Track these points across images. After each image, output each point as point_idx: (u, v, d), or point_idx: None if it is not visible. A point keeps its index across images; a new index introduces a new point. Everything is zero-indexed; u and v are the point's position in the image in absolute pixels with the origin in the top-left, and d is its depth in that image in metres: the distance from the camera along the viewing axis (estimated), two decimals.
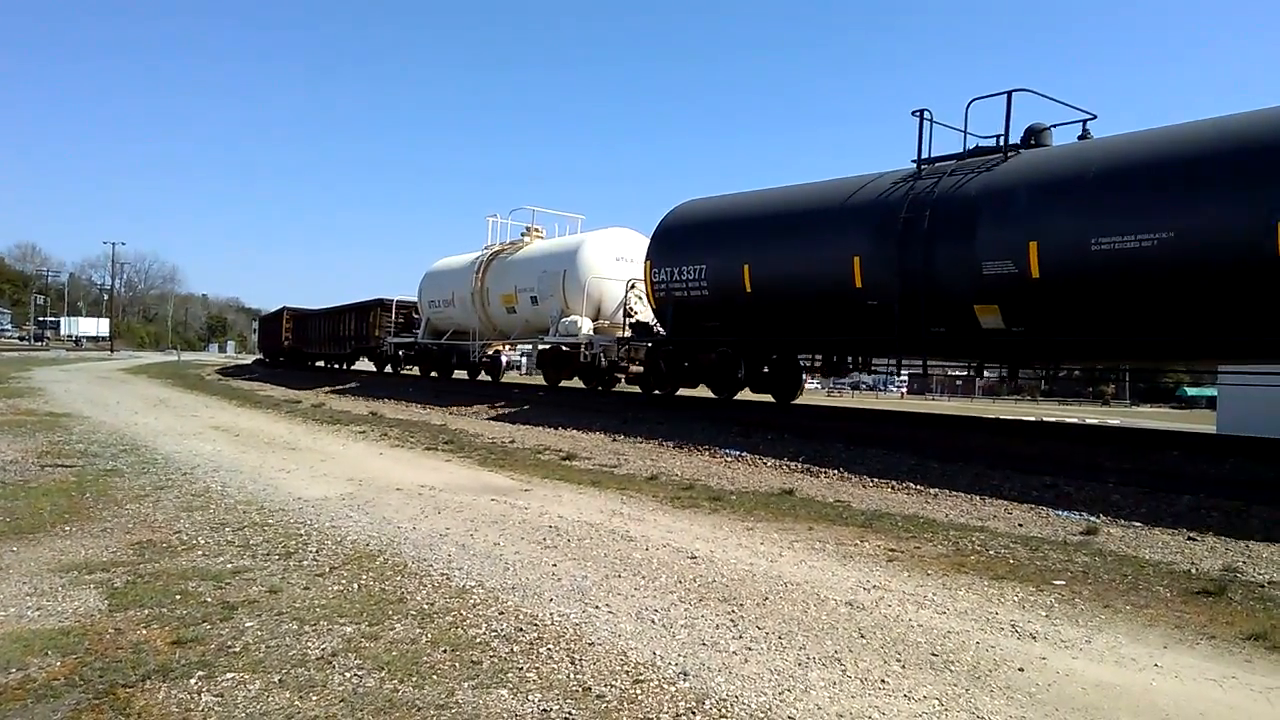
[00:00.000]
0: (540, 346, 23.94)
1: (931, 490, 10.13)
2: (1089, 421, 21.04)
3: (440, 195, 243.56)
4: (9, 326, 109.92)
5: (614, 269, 21.15)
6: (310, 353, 42.99)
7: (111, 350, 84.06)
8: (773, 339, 15.99)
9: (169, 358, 71.50)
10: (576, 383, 23.52)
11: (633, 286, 20.22)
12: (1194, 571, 6.63)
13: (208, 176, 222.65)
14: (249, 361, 62.84)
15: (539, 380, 27.57)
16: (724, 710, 3.78)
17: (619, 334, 20.62)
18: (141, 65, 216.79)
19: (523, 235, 25.57)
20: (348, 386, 29.53)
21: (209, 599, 5.11)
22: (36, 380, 29.13)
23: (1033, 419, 17.93)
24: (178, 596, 5.13)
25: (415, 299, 30.57)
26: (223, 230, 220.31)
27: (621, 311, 20.66)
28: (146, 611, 4.85)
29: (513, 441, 14.66)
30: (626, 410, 17.61)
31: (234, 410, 20.32)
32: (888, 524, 8.27)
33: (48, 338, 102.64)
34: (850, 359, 16.46)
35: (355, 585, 5.53)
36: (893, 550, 7.16)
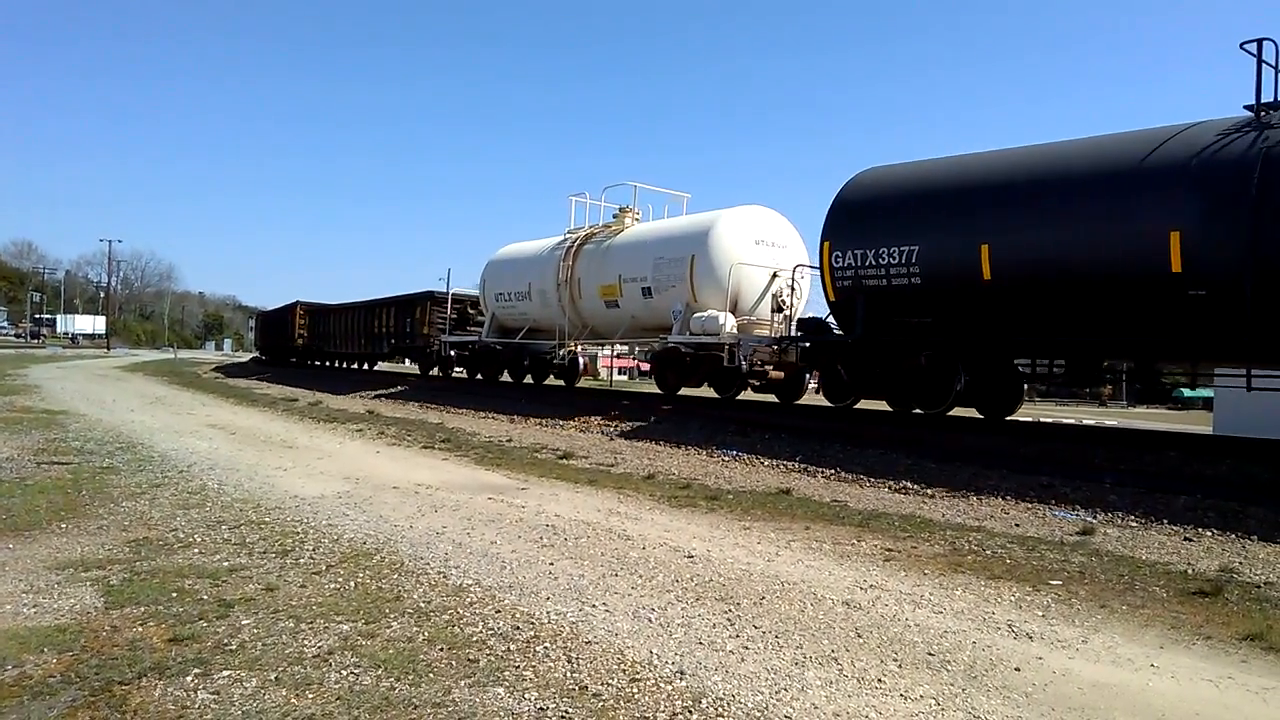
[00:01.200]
0: (654, 348, 20.57)
1: (928, 490, 10.14)
2: (1086, 422, 21.04)
3: (440, 197, 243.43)
4: (5, 324, 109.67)
5: (754, 254, 17.53)
6: (330, 351, 39.44)
7: (108, 348, 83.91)
8: (1025, 339, 12.41)
9: (165, 355, 71.41)
10: (690, 390, 19.67)
11: (775, 275, 17.42)
12: (1190, 572, 6.64)
13: (204, 174, 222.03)
14: (246, 360, 62.40)
15: (624, 385, 25.80)
16: (721, 709, 3.78)
17: (764, 332, 17.10)
18: (138, 63, 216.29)
19: (615, 217, 21.80)
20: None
21: (205, 597, 5.10)
22: (33, 378, 29.07)
23: (1029, 419, 17.89)
24: (174, 594, 5.13)
25: (472, 292, 27.31)
26: (219, 228, 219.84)
27: (767, 305, 17.54)
28: (143, 609, 4.84)
29: (510, 440, 14.66)
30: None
31: (231, 408, 20.30)
32: (884, 524, 8.27)
33: (44, 335, 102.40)
34: (1130, 364, 13.66)
35: (352, 583, 5.52)
36: (890, 550, 7.17)
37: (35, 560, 5.79)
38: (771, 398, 18.56)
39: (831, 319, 15.22)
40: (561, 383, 25.08)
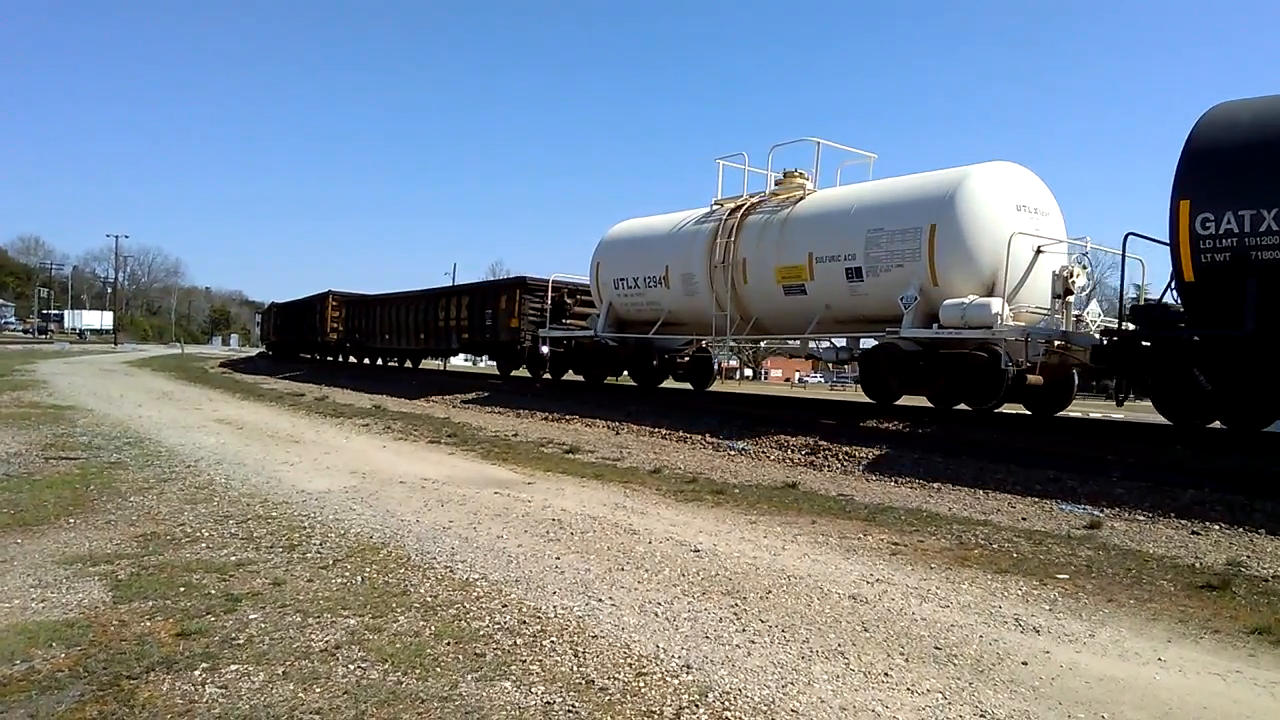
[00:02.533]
0: (852, 344, 16.59)
1: (935, 484, 10.13)
2: (1093, 416, 20.97)
3: (444, 195, 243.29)
4: (13, 320, 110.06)
5: (1017, 222, 13.34)
6: (375, 347, 34.58)
7: (115, 343, 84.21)
8: None
9: (172, 351, 71.61)
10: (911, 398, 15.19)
11: (1039, 251, 13.51)
12: (1198, 566, 6.63)
13: (211, 170, 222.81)
14: (254, 355, 62.41)
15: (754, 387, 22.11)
16: (727, 703, 3.77)
17: (1031, 323, 13.07)
18: (144, 60, 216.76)
19: (778, 184, 17.38)
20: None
21: (213, 591, 5.11)
22: (40, 373, 29.17)
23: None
24: (182, 589, 5.14)
25: (573, 278, 23.48)
26: (226, 224, 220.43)
27: (1037, 289, 13.54)
28: (151, 603, 4.85)
29: (515, 435, 14.67)
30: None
31: (237, 403, 20.34)
32: (891, 518, 8.27)
33: (51, 331, 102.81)
34: None
35: (359, 578, 5.53)
36: (896, 544, 7.16)
37: (43, 555, 5.81)
38: (743, 389, 18.38)
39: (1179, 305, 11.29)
40: (688, 386, 21.57)
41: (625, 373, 21.36)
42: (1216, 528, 7.96)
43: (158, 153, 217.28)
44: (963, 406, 14.12)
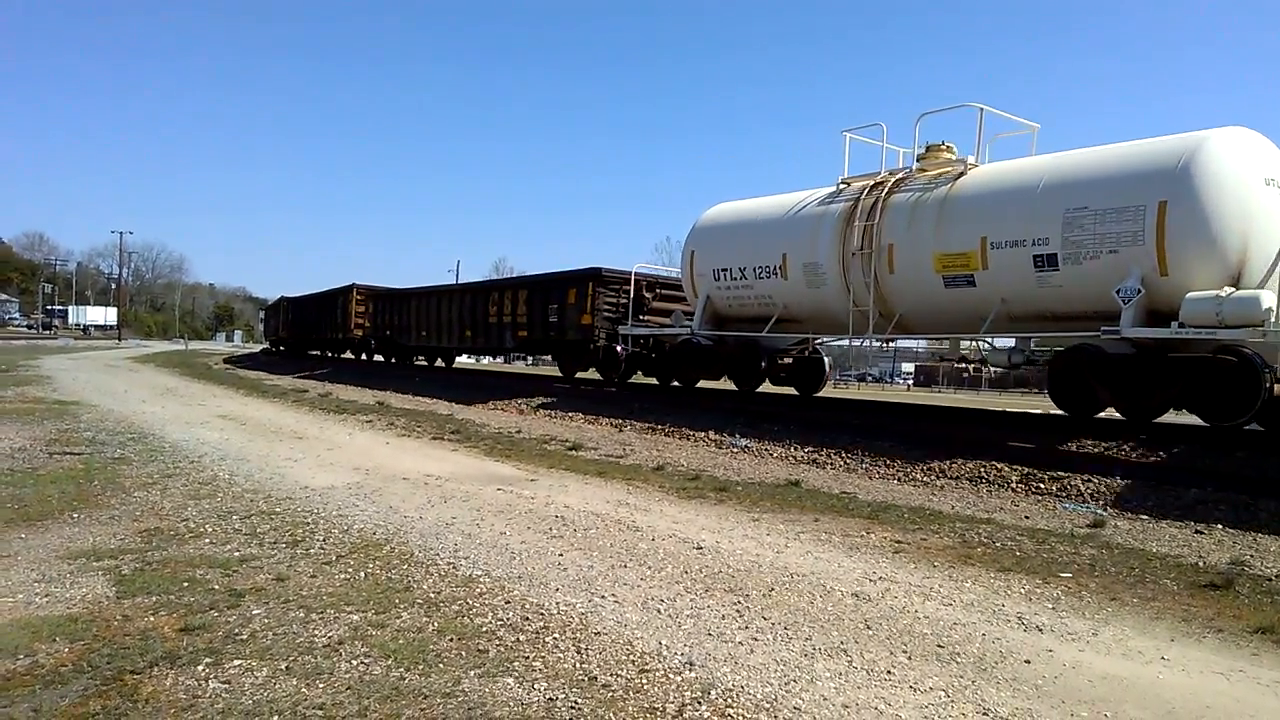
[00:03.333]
0: (1034, 346, 13.34)
1: (938, 482, 10.13)
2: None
3: (447, 192, 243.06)
4: (17, 315, 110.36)
5: (1266, 199, 11.22)
6: (408, 344, 32.17)
7: (119, 339, 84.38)
8: None
9: (176, 347, 71.69)
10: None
11: None
12: (1201, 565, 6.62)
13: (215, 167, 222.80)
14: (257, 351, 62.31)
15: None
16: (730, 700, 3.78)
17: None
18: (148, 57, 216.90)
19: (920, 159, 14.89)
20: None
21: (217, 586, 5.12)
22: (45, 368, 29.23)
23: (1039, 411, 17.80)
24: (185, 584, 5.15)
25: (649, 270, 21.51)
26: (229, 221, 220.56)
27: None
28: (154, 599, 4.86)
29: (519, 431, 14.68)
30: None
31: (241, 399, 20.37)
32: (894, 516, 8.26)
33: (56, 326, 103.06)
34: None
35: (362, 574, 5.54)
36: (899, 542, 7.15)
37: (47, 550, 5.82)
38: (789, 390, 18.15)
39: None
40: (792, 390, 18.68)
41: (724, 376, 18.85)
42: (1220, 527, 7.96)
43: (162, 149, 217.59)
44: (1169, 418, 12.29)
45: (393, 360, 35.18)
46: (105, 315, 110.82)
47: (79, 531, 6.37)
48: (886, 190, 14.46)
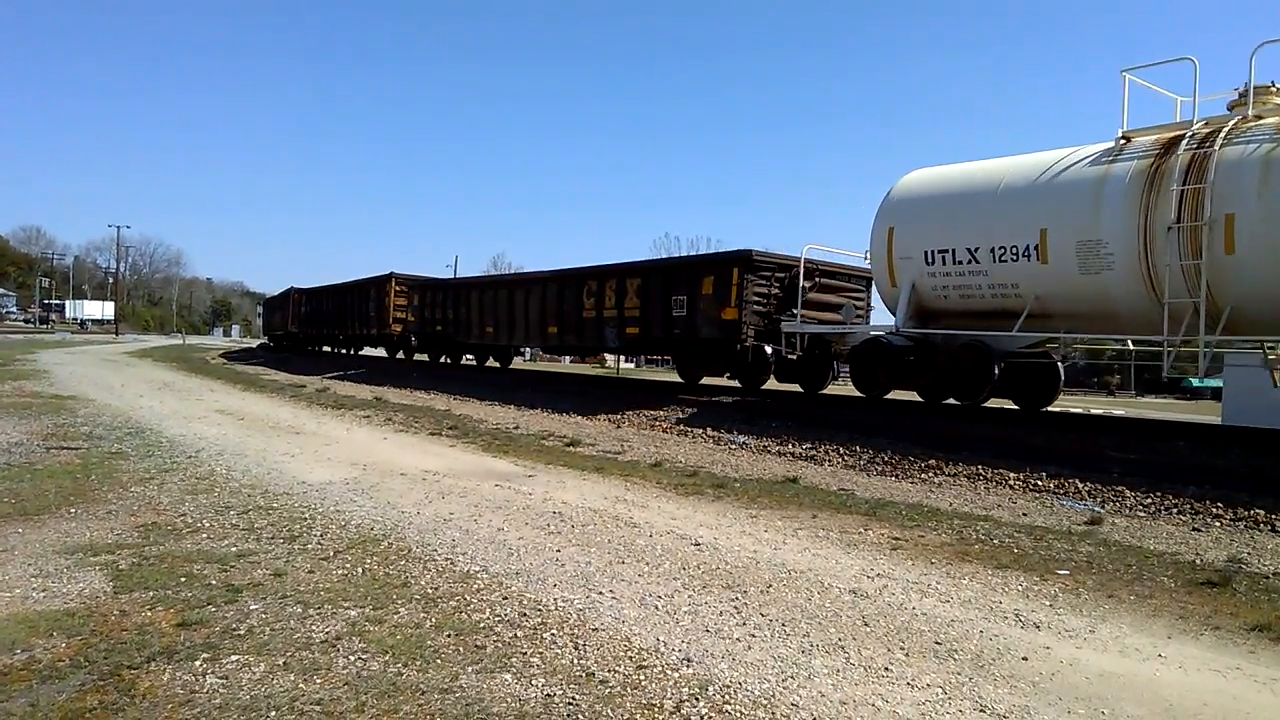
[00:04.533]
0: None
1: (936, 479, 10.13)
2: (1094, 412, 20.96)
3: (445, 186, 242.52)
4: (14, 309, 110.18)
5: None
6: (468, 343, 28.36)
7: (116, 333, 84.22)
8: None
9: (174, 341, 71.64)
10: None
11: None
12: (1198, 562, 6.63)
13: (212, 161, 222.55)
14: (254, 346, 62.07)
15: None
16: (727, 697, 3.78)
17: None
18: (145, 51, 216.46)
19: (1231, 106, 11.73)
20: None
21: (214, 582, 5.12)
22: (42, 363, 29.19)
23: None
24: (183, 579, 5.15)
25: (822, 256, 17.59)
26: (227, 215, 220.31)
27: None
28: (151, 594, 4.86)
29: (516, 427, 14.67)
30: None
31: (239, 394, 20.34)
32: (891, 512, 8.27)
33: (53, 321, 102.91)
34: None
35: (360, 569, 5.53)
36: (896, 539, 7.16)
37: (44, 545, 5.82)
38: (793, 387, 17.95)
39: None
40: (1011, 405, 14.84)
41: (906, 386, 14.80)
42: (1217, 524, 7.97)
43: (160, 143, 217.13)
44: None
45: (445, 360, 31.28)
46: (102, 309, 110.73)
47: (76, 526, 6.36)
48: (1219, 142, 10.86)
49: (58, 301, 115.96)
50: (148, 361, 35.35)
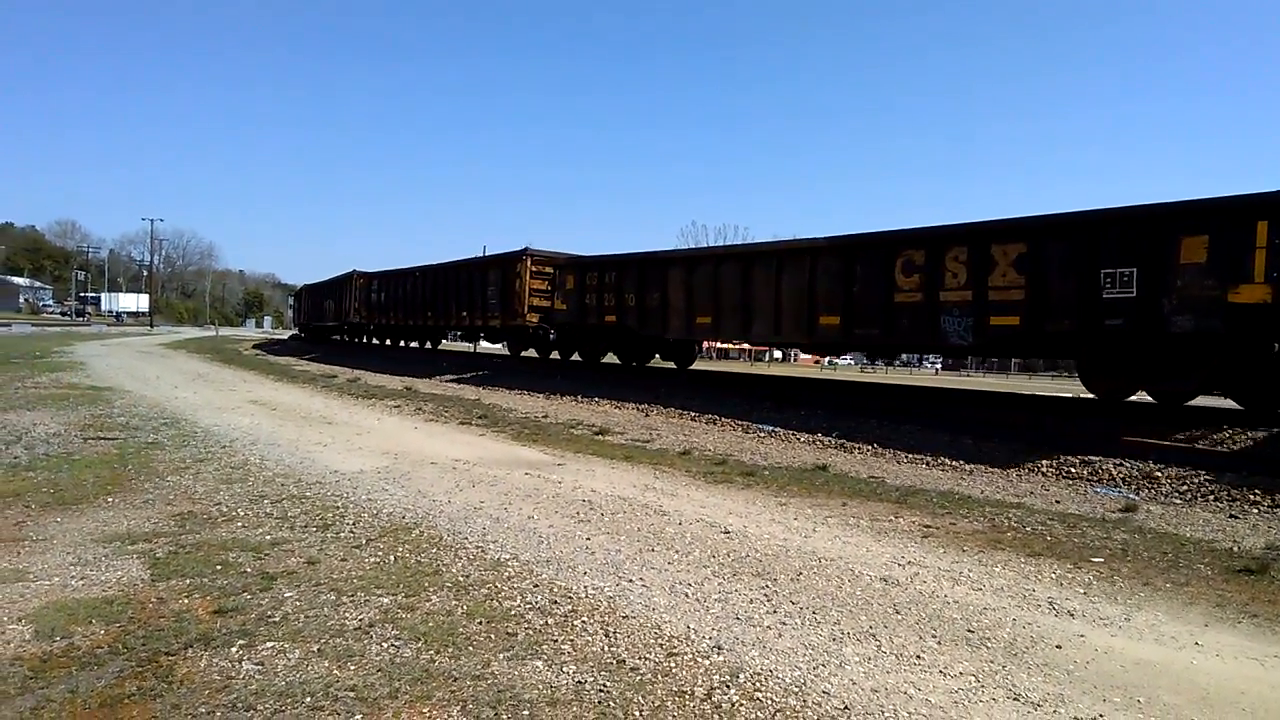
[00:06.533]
0: None
1: (967, 466, 10.05)
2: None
3: (471, 177, 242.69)
4: (51, 302, 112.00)
5: None
6: (664, 338, 21.23)
7: (151, 325, 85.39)
8: None
9: (207, 333, 72.45)
10: None
11: None
12: (1236, 550, 6.53)
13: (244, 154, 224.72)
14: (286, 338, 62.39)
15: None
16: (758, 684, 3.77)
17: None
18: (180, 48, 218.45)
19: None
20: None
21: (249, 569, 5.18)
22: (78, 355, 29.63)
23: (1070, 395, 17.60)
24: (218, 567, 5.21)
25: None
26: (259, 208, 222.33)
27: None
28: (188, 581, 4.92)
29: (545, 416, 14.71)
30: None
31: (271, 385, 20.55)
32: (922, 500, 8.21)
33: (89, 313, 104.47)
34: None
35: (392, 557, 5.58)
36: (928, 526, 7.11)
37: (83, 533, 5.91)
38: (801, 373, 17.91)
39: None
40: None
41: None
42: (1255, 511, 7.84)
43: (193, 137, 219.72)
44: None
45: (612, 360, 24.70)
46: (137, 302, 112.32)
47: (114, 515, 6.45)
48: None
49: (93, 294, 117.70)
50: (182, 353, 35.78)
